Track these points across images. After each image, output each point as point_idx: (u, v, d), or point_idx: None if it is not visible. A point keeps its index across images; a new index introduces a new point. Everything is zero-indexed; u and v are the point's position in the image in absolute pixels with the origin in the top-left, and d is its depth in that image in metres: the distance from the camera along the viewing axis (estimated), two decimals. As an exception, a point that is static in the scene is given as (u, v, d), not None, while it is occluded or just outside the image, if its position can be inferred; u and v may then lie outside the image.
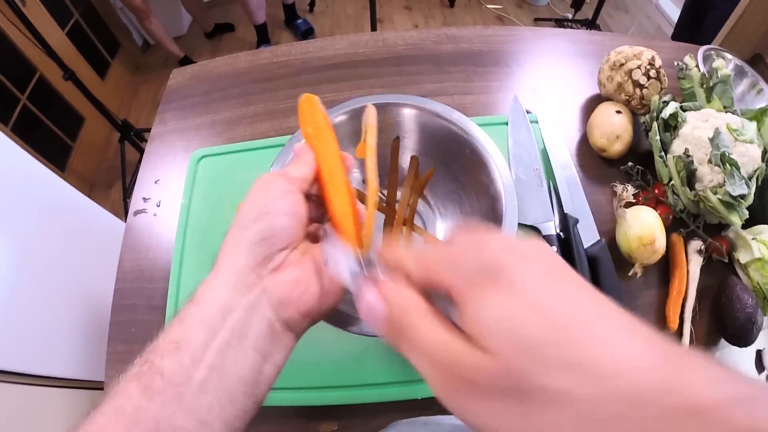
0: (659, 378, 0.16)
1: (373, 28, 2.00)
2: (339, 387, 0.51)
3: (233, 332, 0.26)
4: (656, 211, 0.64)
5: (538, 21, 2.65)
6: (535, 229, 0.63)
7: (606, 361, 0.16)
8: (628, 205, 0.65)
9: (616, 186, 0.68)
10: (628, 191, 0.67)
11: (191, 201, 0.69)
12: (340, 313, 0.42)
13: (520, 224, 0.60)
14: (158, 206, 0.70)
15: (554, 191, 0.67)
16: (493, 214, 0.49)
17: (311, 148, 0.35)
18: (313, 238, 0.34)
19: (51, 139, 1.83)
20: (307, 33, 2.56)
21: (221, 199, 0.69)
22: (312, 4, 2.74)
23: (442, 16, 2.74)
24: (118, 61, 2.31)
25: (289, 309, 0.28)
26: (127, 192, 1.82)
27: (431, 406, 0.52)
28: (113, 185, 2.01)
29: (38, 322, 0.98)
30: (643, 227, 0.61)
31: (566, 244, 0.61)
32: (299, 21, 2.58)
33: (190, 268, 0.63)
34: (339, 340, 0.53)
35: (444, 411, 0.20)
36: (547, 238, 0.62)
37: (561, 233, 0.63)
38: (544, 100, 0.80)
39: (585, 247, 0.61)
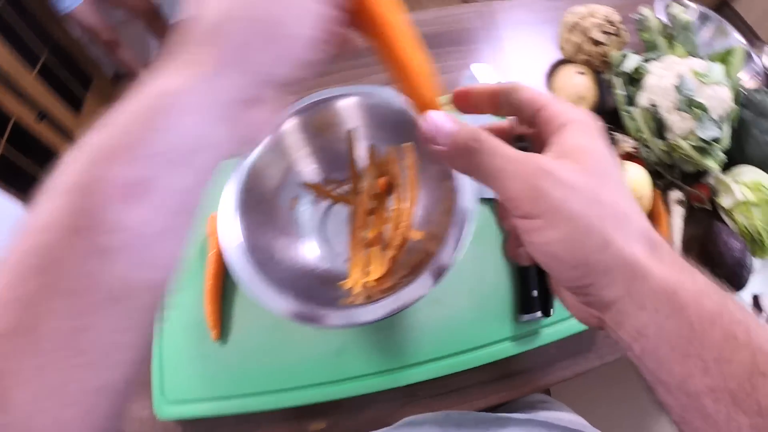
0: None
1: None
2: (321, 384, 0.50)
3: None
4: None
5: (506, -1, 2.64)
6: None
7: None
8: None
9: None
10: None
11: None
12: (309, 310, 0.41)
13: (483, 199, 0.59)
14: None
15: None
16: (448, 191, 0.47)
17: None
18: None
19: (35, 182, 1.81)
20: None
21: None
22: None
23: (407, 4, 2.72)
24: (91, 95, 2.30)
25: None
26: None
27: (415, 392, 0.52)
28: (102, 219, 2.00)
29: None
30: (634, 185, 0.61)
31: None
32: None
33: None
34: (317, 339, 0.52)
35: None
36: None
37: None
38: (506, 70, 0.78)
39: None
